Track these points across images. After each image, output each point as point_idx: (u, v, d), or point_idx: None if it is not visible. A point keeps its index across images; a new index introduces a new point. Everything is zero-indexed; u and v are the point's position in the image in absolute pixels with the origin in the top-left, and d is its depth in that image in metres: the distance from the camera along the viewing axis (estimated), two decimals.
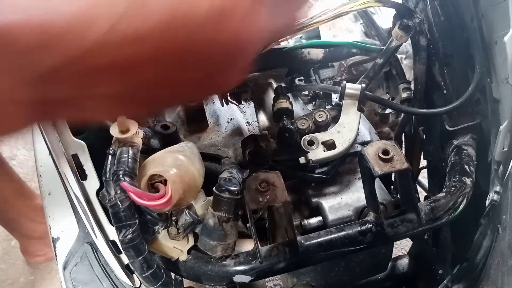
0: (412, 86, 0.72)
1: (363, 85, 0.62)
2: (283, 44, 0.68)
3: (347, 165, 0.70)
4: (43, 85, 0.26)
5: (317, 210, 0.66)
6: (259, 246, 0.55)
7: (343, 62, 0.84)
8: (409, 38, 0.69)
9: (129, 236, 0.47)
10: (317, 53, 0.70)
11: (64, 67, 0.26)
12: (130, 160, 0.48)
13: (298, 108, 0.74)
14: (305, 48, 0.69)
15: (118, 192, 0.47)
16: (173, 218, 0.54)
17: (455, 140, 0.67)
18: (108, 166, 0.49)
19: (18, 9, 0.24)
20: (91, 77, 0.28)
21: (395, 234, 0.57)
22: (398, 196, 0.70)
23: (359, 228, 0.57)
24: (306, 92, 0.82)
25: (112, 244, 0.60)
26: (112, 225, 0.56)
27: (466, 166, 0.63)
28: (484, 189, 0.63)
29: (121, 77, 0.29)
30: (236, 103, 0.88)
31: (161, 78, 0.30)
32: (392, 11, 0.66)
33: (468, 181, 0.61)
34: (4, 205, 1.47)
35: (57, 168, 0.59)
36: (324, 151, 0.61)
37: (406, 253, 0.91)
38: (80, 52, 0.26)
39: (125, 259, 0.61)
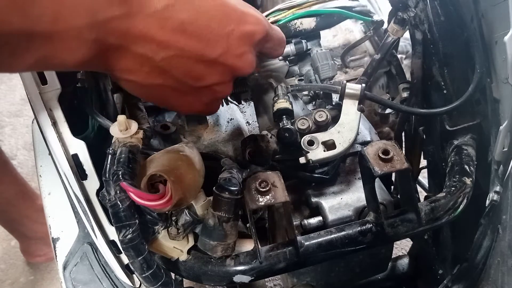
0: None
1: (363, 84, 0.62)
2: (273, 19, 0.69)
3: (347, 165, 0.70)
4: (99, 29, 0.38)
5: (317, 210, 0.66)
6: (259, 246, 0.55)
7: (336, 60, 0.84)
8: (409, 38, 0.69)
9: (129, 236, 0.47)
10: (309, 23, 0.73)
11: (118, 20, 0.38)
12: (130, 160, 0.48)
13: (298, 108, 0.74)
14: (297, 19, 0.71)
15: (118, 192, 0.47)
16: (173, 218, 0.54)
17: (455, 140, 0.67)
18: (108, 166, 0.49)
19: None
20: (132, 37, 0.40)
21: (395, 234, 0.57)
22: (398, 196, 0.71)
23: (359, 228, 0.57)
24: (306, 92, 0.81)
25: (112, 244, 0.60)
26: (112, 225, 0.56)
27: (466, 166, 0.63)
28: (484, 189, 0.63)
29: (159, 48, 0.42)
30: (236, 103, 0.88)
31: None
32: None
33: (468, 181, 0.61)
34: (6, 206, 1.47)
35: (57, 168, 0.59)
36: (324, 151, 0.61)
37: (406, 253, 0.91)
38: (131, 16, 0.39)
39: (125, 259, 0.61)
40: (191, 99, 0.50)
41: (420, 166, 0.82)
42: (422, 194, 0.87)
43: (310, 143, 0.61)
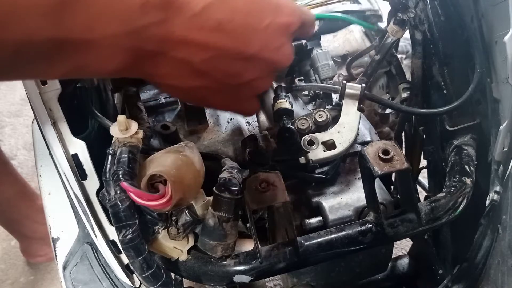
0: None
1: (363, 85, 0.62)
2: None
3: (347, 165, 0.70)
4: (136, 37, 0.38)
5: (317, 210, 0.66)
6: (259, 246, 0.55)
7: (341, 72, 0.84)
8: (409, 38, 0.69)
9: (129, 236, 0.47)
10: None
11: (155, 26, 0.38)
12: (130, 160, 0.48)
13: (298, 108, 0.74)
14: None
15: (118, 192, 0.47)
16: (173, 218, 0.54)
17: (455, 140, 0.67)
18: (108, 166, 0.49)
19: None
20: (170, 42, 0.40)
21: (395, 234, 0.57)
22: (398, 196, 0.71)
23: (359, 228, 0.57)
24: (306, 92, 0.82)
25: (112, 244, 0.60)
26: (112, 225, 0.56)
27: (466, 166, 0.63)
28: (484, 189, 0.63)
29: (198, 50, 0.41)
30: None
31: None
32: None
33: (468, 181, 0.61)
34: (7, 206, 1.47)
35: (57, 168, 0.59)
36: (324, 151, 0.61)
37: (406, 253, 0.91)
38: (169, 21, 0.38)
39: (125, 259, 0.61)
40: (229, 97, 0.49)
41: (420, 166, 0.82)
42: (422, 194, 0.87)
43: (310, 143, 0.61)
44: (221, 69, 0.44)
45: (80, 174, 0.58)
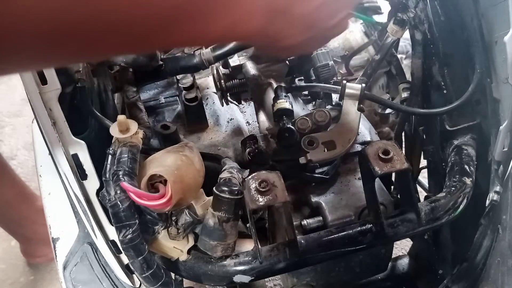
0: None
1: (363, 85, 0.62)
2: None
3: (347, 165, 0.70)
4: None
5: (317, 210, 0.66)
6: (259, 246, 0.55)
7: (340, 71, 0.84)
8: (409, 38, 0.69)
9: (129, 236, 0.47)
10: None
11: None
12: (130, 160, 0.48)
13: (298, 108, 0.74)
14: None
15: (118, 192, 0.47)
16: (173, 218, 0.54)
17: (455, 140, 0.67)
18: (108, 166, 0.49)
19: None
20: None
21: (395, 234, 0.57)
22: (398, 196, 0.71)
23: (359, 228, 0.57)
24: (306, 92, 0.82)
25: (112, 244, 0.60)
26: (112, 225, 0.56)
27: (466, 166, 0.63)
28: (484, 189, 0.63)
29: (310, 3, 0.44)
30: (236, 103, 0.88)
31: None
32: None
33: (468, 181, 0.61)
34: (6, 208, 1.47)
35: (57, 168, 0.59)
36: (324, 151, 0.61)
37: (406, 253, 0.91)
38: None
39: (125, 259, 0.61)
40: (323, 38, 0.52)
41: (420, 166, 0.82)
42: (422, 194, 0.87)
43: (310, 143, 0.61)
44: (322, 16, 0.47)
45: (80, 174, 0.58)
